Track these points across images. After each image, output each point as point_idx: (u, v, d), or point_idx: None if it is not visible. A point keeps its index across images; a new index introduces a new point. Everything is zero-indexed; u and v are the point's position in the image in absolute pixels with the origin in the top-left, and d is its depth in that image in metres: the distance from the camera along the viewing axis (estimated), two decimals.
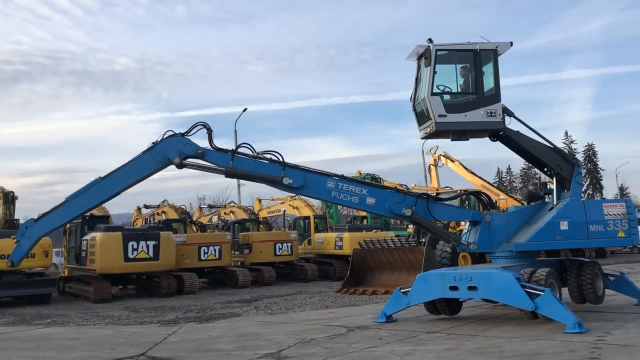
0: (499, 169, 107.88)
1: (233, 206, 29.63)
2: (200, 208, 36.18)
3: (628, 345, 7.39)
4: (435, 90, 10.66)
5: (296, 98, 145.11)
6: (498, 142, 11.31)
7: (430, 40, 10.75)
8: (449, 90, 10.90)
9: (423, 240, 16.89)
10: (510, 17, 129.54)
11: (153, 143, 10.19)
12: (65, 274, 20.27)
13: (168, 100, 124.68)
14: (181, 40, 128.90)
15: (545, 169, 11.39)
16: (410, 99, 11.45)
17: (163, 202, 26.18)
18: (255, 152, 10.51)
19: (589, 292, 10.45)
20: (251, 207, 30.58)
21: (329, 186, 10.48)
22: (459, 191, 26.64)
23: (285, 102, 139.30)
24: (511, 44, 11.05)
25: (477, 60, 10.89)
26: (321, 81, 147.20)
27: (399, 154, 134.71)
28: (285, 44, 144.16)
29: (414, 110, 11.37)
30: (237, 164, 10.34)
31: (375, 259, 17.39)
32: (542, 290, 8.75)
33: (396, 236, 19.80)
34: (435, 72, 10.62)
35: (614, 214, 10.58)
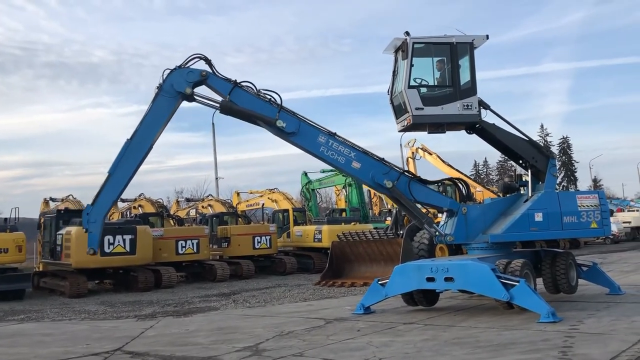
0: (475, 161, 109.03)
1: (211, 199, 29.46)
2: (178, 202, 35.91)
3: (599, 334, 7.54)
4: (412, 83, 10.70)
5: (275, 90, 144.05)
6: (474, 135, 11.41)
7: (407, 33, 10.77)
8: (426, 83, 10.96)
9: (401, 232, 17.00)
10: (490, 9, 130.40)
11: (158, 86, 10.24)
12: (40, 269, 19.97)
13: (146, 93, 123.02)
14: (159, 32, 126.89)
15: (521, 161, 11.53)
16: (388, 92, 11.50)
17: (139, 195, 25.93)
18: (256, 89, 10.54)
19: (563, 282, 10.65)
20: (229, 201, 30.44)
21: (320, 140, 10.50)
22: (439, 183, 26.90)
23: None
24: (487, 37, 11.13)
25: (454, 53, 10.93)
26: (301, 73, 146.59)
27: (378, 147, 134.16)
28: (264, 35, 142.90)
29: (392, 103, 11.40)
30: (235, 98, 10.35)
31: (353, 251, 17.46)
32: (517, 281, 8.88)
33: (374, 228, 19.90)
34: (412, 65, 10.66)
35: (588, 205, 10.76)
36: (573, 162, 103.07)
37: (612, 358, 6.22)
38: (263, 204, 28.80)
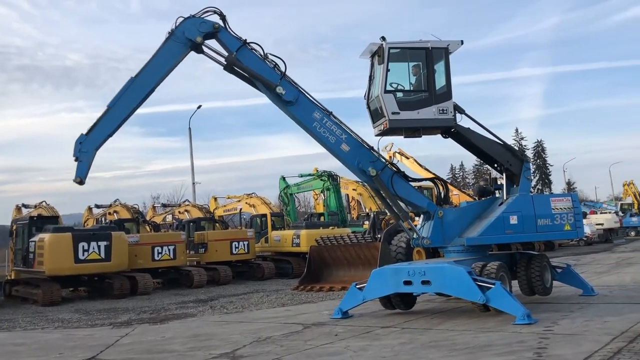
0: (452, 165, 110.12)
1: (188, 205, 29.19)
2: (154, 207, 35.56)
3: (573, 335, 7.65)
4: (389, 88, 10.75)
5: (254, 95, 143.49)
6: (450, 139, 11.52)
7: (383, 38, 10.83)
8: (402, 88, 11.02)
9: (379, 236, 17.05)
10: (467, 15, 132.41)
11: (170, 32, 10.31)
12: (12, 277, 19.53)
13: None
14: (136, 36, 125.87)
15: (495, 165, 11.66)
16: (365, 96, 11.55)
17: (115, 201, 25.61)
18: (264, 52, 10.60)
19: (538, 284, 10.79)
20: (207, 206, 30.22)
21: (315, 116, 10.59)
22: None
23: (243, 99, 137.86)
24: (461, 42, 11.24)
25: (429, 58, 11.01)
26: None
27: None
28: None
29: (368, 107, 11.45)
30: (241, 56, 10.41)
31: (332, 256, 17.46)
32: (493, 284, 8.97)
33: (352, 232, 19.95)
34: (388, 70, 10.72)
35: (561, 208, 10.97)
36: (547, 165, 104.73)
37: (585, 358, 6.31)
38: (241, 209, 28.65)
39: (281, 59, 10.60)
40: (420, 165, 35.96)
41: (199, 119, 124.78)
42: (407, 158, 37.90)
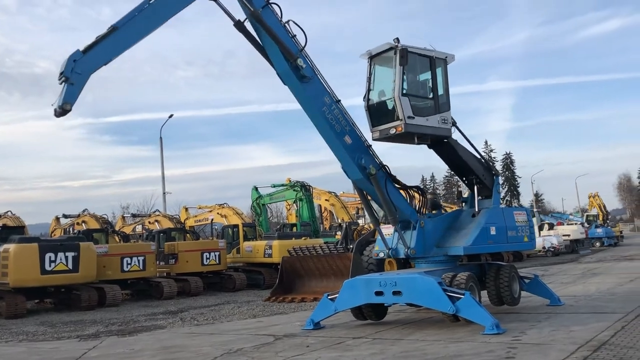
0: (423, 176, 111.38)
1: (158, 215, 28.87)
2: (124, 217, 35.05)
3: (540, 344, 7.79)
4: (405, 91, 10.59)
5: (228, 104, 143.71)
6: (421, 150, 11.61)
7: (397, 40, 10.68)
8: (415, 94, 10.92)
9: (351, 246, 17.13)
10: (439, 28, 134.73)
11: None
12: None
13: (93, 105, 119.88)
14: None
15: (471, 178, 11.77)
16: (364, 98, 11.16)
17: (83, 211, 25.21)
18: (281, 19, 10.03)
19: (507, 294, 10.96)
20: (177, 216, 29.94)
21: (325, 100, 10.17)
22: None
23: (217, 108, 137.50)
24: (454, 57, 11.43)
25: (433, 67, 11.07)
26: (253, 87, 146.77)
27: (329, 162, 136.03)
28: (216, 48, 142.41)
29: (368, 109, 11.09)
30: (265, 15, 9.79)
31: (304, 266, 17.44)
32: (463, 294, 9.08)
33: (325, 243, 19.98)
34: (404, 73, 10.58)
35: (521, 221, 11.50)
36: (516, 177, 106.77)
37: None
38: (212, 220, 28.48)
39: (302, 30, 9.93)
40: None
41: (171, 128, 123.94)
42: None
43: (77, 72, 8.28)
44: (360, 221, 29.26)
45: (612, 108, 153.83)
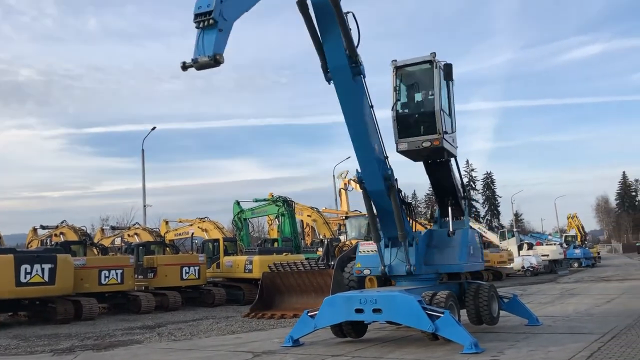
0: (405, 194, 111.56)
1: (138, 228, 28.58)
2: (103, 229, 34.61)
3: None
4: (442, 106, 10.64)
5: (211, 118, 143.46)
6: (407, 166, 11.74)
7: (434, 55, 10.72)
8: (445, 110, 10.95)
9: (332, 263, 17.09)
10: (422, 49, 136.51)
11: None
12: None
13: (75, 116, 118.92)
14: (92, 54, 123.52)
15: (446, 199, 11.89)
16: (392, 108, 10.98)
17: (62, 222, 24.84)
18: None
19: (486, 313, 11.02)
20: (157, 229, 29.66)
21: (366, 102, 9.66)
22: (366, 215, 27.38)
23: (200, 122, 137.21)
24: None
25: (448, 85, 11.16)
26: (237, 102, 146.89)
27: (311, 177, 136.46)
28: None
29: (397, 119, 10.90)
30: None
31: (284, 282, 17.35)
32: (442, 313, 9.10)
33: (306, 259, 19.91)
34: (441, 88, 10.62)
35: (479, 242, 11.96)
36: (496, 196, 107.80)
37: None
38: (192, 233, 28.25)
39: (357, 25, 9.16)
40: None
41: (154, 140, 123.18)
42: None
43: (223, 17, 7.26)
44: (342, 237, 29.22)
45: (591, 131, 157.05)
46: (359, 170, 10.19)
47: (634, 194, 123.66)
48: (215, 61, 7.08)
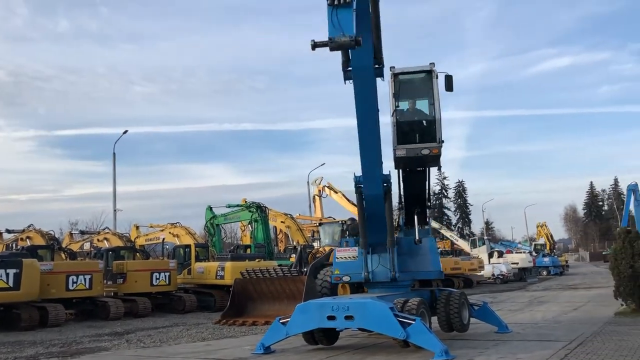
0: None
1: (108, 232, 28.13)
2: (71, 234, 34.03)
3: None
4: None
5: (186, 122, 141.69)
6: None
7: (433, 65, 10.84)
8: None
9: (305, 269, 17.04)
10: (397, 59, 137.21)
11: None
12: None
13: (46, 118, 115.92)
14: (64, 56, 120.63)
15: (413, 208, 12.00)
16: (392, 114, 11.00)
17: (28, 226, 24.33)
18: None
19: (456, 320, 11.11)
20: (127, 234, 29.24)
21: (376, 105, 9.37)
22: (340, 222, 27.42)
23: (174, 126, 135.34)
24: None
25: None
26: (212, 106, 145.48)
27: (286, 183, 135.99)
28: (176, 66, 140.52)
29: (397, 125, 10.90)
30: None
31: (256, 289, 17.22)
32: (414, 320, 9.14)
33: (279, 265, 19.82)
34: (440, 98, 10.75)
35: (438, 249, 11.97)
36: (468, 204, 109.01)
37: None
38: (164, 239, 27.90)
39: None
40: (348, 200, 36.56)
41: (126, 144, 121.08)
42: (336, 192, 38.49)
43: None
44: (316, 244, 29.21)
45: (560, 142, 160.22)
46: (358, 174, 10.22)
47: (600, 203, 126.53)
48: (357, 42, 6.79)
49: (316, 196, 41.38)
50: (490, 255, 44.82)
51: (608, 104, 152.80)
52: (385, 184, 10.20)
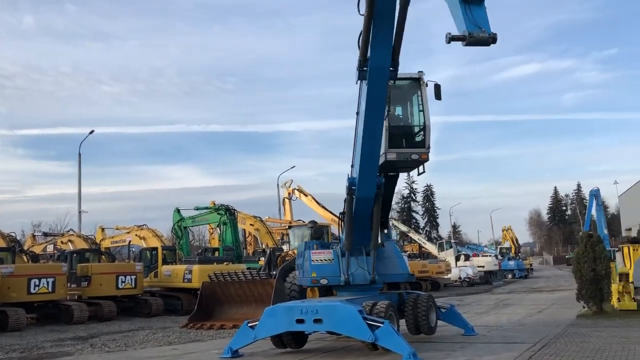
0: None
1: (72, 235, 27.53)
2: (34, 236, 33.09)
3: None
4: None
5: (154, 122, 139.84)
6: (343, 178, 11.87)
7: (422, 73, 11.07)
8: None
9: (274, 272, 16.96)
10: None
11: None
12: None
13: (7, 117, 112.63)
14: (27, 53, 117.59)
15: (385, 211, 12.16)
16: (385, 118, 10.84)
17: None
18: None
19: (424, 323, 11.21)
20: (92, 236, 28.65)
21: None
22: (308, 225, 27.41)
23: (142, 126, 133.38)
24: None
25: None
26: (181, 107, 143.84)
27: (255, 186, 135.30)
28: (144, 66, 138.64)
29: (389, 130, 11.00)
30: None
31: (225, 292, 17.07)
32: (382, 323, 9.19)
33: (247, 269, 19.68)
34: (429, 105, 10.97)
35: None
36: (436, 208, 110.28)
37: None
38: (130, 241, 27.44)
39: None
40: (318, 203, 36.57)
41: (92, 144, 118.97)
42: (306, 195, 38.43)
43: None
44: (285, 247, 29.08)
45: (526, 147, 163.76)
46: (353, 176, 10.35)
47: (564, 208, 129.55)
48: (493, 40, 6.71)
49: (286, 199, 41.24)
50: (457, 259, 45.42)
51: (573, 111, 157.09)
52: (378, 188, 10.44)
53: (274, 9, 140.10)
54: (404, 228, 59.06)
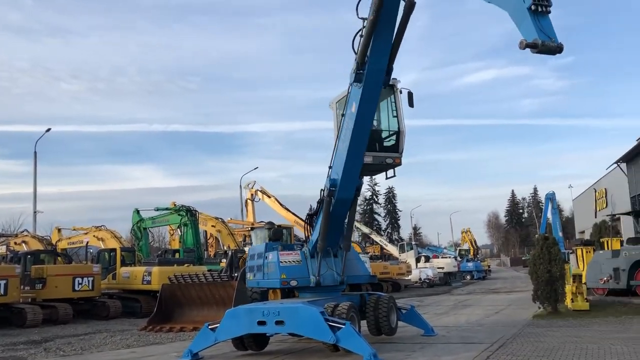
0: (311, 206, 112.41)
1: (26, 235, 26.73)
2: None
3: None
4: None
5: (113, 121, 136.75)
6: (315, 180, 12.00)
7: (397, 80, 11.23)
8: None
9: (235, 275, 16.83)
10: (331, 65, 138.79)
11: None
12: None
13: None
14: None
15: None
16: None
17: None
18: None
19: (385, 324, 11.32)
20: (48, 237, 27.86)
21: None
22: (265, 226, 27.34)
23: (101, 125, 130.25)
24: None
25: None
26: (142, 106, 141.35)
27: (217, 187, 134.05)
28: (105, 63, 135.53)
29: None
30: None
31: (185, 294, 16.85)
32: (344, 324, 9.23)
33: (209, 271, 19.47)
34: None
35: None
36: (397, 210, 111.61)
37: None
38: (87, 242, 26.78)
39: None
40: (282, 205, 36.49)
41: (49, 142, 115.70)
42: (269, 197, 38.28)
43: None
44: (247, 249, 28.86)
45: (484, 151, 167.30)
46: (332, 177, 10.42)
47: (521, 211, 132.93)
48: (560, 50, 6.83)
49: (248, 200, 40.99)
50: (418, 260, 46.02)
51: (529, 116, 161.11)
52: (357, 190, 10.69)
53: (239, 9, 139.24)
54: (366, 230, 59.49)
